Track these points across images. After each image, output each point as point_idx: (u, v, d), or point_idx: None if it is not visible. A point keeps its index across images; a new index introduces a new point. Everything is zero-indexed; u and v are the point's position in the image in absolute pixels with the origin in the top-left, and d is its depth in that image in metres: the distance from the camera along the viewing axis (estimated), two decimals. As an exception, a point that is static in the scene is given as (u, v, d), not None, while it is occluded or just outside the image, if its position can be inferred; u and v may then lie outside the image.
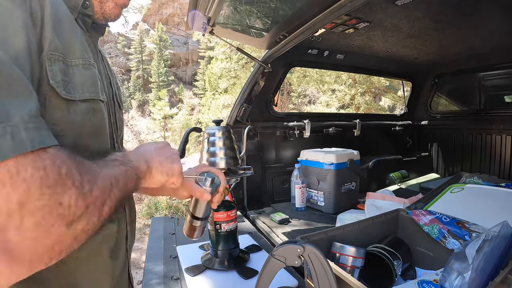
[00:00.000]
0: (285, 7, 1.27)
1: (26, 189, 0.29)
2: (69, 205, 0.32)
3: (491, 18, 1.38)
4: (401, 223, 1.06)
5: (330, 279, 0.61)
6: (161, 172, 0.56)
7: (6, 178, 0.28)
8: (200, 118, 19.15)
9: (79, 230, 0.34)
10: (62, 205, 0.32)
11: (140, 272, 3.33)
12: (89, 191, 0.35)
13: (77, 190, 0.34)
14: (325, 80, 13.60)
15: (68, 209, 0.32)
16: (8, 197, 0.28)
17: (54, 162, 0.33)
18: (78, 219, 0.33)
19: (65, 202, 0.32)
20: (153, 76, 28.46)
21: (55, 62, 0.42)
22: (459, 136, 2.32)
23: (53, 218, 0.31)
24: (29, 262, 0.30)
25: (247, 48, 8.41)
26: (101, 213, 0.38)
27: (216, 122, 1.05)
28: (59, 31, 0.44)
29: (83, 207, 0.34)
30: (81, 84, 0.47)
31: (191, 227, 0.73)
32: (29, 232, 0.29)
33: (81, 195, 0.34)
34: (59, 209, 0.31)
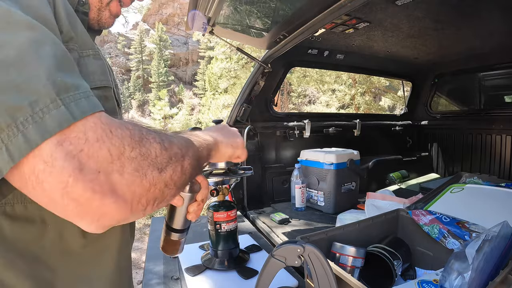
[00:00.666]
0: (285, 7, 1.27)
1: (121, 144, 0.34)
2: (156, 155, 0.38)
3: (491, 18, 1.38)
4: (401, 223, 1.06)
5: (330, 279, 0.61)
6: (227, 144, 0.61)
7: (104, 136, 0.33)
8: (200, 118, 19.16)
9: (168, 176, 0.39)
10: (150, 156, 0.37)
11: (140, 272, 3.33)
12: (169, 146, 0.40)
13: (159, 144, 0.39)
14: (325, 80, 13.60)
15: (155, 159, 0.37)
16: (110, 150, 0.33)
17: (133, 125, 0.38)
18: (165, 167, 0.38)
19: (152, 153, 0.37)
20: (153, 76, 28.48)
21: (71, 51, 0.44)
22: (459, 136, 2.32)
23: (146, 165, 0.36)
24: (130, 202, 0.35)
25: (247, 48, 8.41)
26: (183, 166, 0.42)
27: (216, 122, 1.05)
28: (71, 22, 0.45)
29: (167, 158, 0.39)
30: (92, 73, 0.49)
31: (167, 240, 0.63)
32: (130, 176, 0.34)
33: (163, 148, 0.39)
34: (149, 159, 0.37)
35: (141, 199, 0.36)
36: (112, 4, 0.58)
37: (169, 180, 0.39)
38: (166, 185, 0.39)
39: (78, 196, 0.31)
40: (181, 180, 0.42)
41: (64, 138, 0.31)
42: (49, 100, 0.31)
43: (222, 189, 1.03)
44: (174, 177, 0.40)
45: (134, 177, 0.35)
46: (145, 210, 0.38)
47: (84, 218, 0.33)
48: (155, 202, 0.38)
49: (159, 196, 0.38)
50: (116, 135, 0.35)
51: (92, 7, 0.56)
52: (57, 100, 0.31)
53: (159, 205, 0.40)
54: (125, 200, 0.34)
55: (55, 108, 0.31)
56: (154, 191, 0.37)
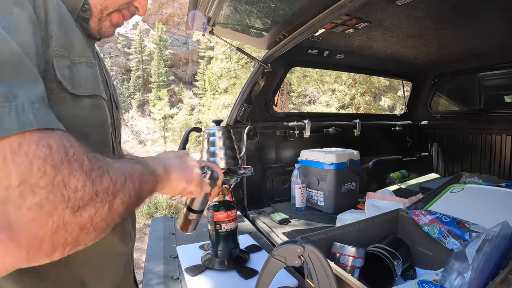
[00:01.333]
0: (285, 7, 1.27)
1: (28, 165, 0.28)
2: (75, 189, 0.30)
3: (491, 18, 1.38)
4: (401, 223, 1.06)
5: (330, 279, 0.61)
6: (179, 178, 0.56)
7: (7, 153, 0.27)
8: (200, 118, 19.16)
9: (85, 218, 0.31)
10: (68, 187, 0.30)
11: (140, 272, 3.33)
12: (99, 178, 0.33)
13: (86, 174, 0.32)
14: (325, 80, 13.60)
15: (74, 193, 0.30)
16: (8, 172, 0.27)
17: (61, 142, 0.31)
18: (85, 205, 0.31)
19: (71, 185, 0.30)
20: (153, 76, 28.48)
21: (62, 58, 0.43)
22: (459, 136, 2.32)
23: (57, 199, 0.29)
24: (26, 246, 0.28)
25: (247, 48, 8.41)
26: (112, 205, 0.35)
27: (216, 122, 1.05)
28: (63, 29, 0.44)
29: (91, 193, 0.32)
30: (84, 81, 0.48)
31: (186, 221, 0.75)
32: (30, 212, 0.28)
33: (89, 180, 0.32)
34: (64, 191, 0.29)
35: (43, 244, 0.29)
36: (114, 15, 0.57)
37: (88, 222, 0.32)
38: (81, 228, 0.31)
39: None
40: (105, 222, 0.34)
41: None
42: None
43: (222, 189, 1.03)
44: (96, 218, 0.33)
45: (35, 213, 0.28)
46: (52, 256, 0.31)
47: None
48: (65, 248, 0.31)
49: (71, 241, 0.31)
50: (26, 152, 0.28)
51: (93, 15, 0.55)
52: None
53: (71, 250, 0.32)
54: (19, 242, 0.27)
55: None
56: (64, 234, 0.30)
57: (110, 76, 0.69)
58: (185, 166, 0.59)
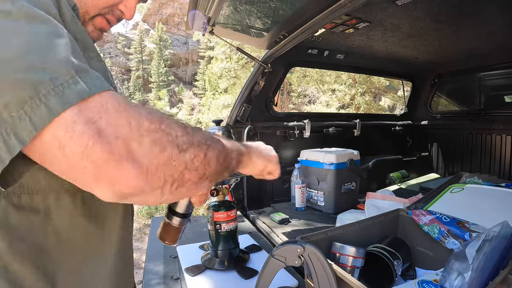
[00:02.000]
0: (285, 7, 1.27)
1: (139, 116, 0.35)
2: (176, 135, 0.37)
3: (491, 18, 1.38)
4: (401, 223, 1.06)
5: (330, 279, 0.61)
6: (259, 155, 0.60)
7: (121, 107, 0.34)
8: (200, 118, 19.16)
9: (188, 158, 0.38)
10: (171, 134, 0.37)
11: (140, 272, 3.32)
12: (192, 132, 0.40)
13: (181, 128, 0.38)
14: (325, 80, 13.60)
15: (176, 138, 0.37)
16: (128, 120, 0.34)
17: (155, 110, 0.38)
18: (186, 149, 0.37)
19: (173, 132, 0.37)
20: (153, 76, 28.48)
21: None
22: (459, 136, 2.32)
23: (165, 141, 0.36)
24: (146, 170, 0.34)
25: (247, 48, 8.41)
26: (207, 155, 0.40)
27: (216, 122, 1.05)
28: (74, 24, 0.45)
29: (188, 141, 0.38)
30: None
31: (168, 228, 0.63)
32: (147, 145, 0.34)
33: (185, 132, 0.38)
34: (169, 136, 0.36)
35: (158, 171, 0.35)
36: (97, 20, 0.57)
37: (190, 163, 0.38)
38: (186, 166, 0.38)
39: (96, 157, 0.32)
40: (203, 168, 0.40)
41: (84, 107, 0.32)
42: (69, 76, 0.33)
43: (222, 189, 1.03)
44: (195, 162, 0.39)
45: (153, 147, 0.35)
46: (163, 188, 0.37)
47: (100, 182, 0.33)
48: (174, 182, 0.37)
49: (178, 177, 0.37)
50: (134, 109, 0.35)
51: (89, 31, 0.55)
52: (75, 77, 0.33)
53: (178, 189, 0.38)
54: (141, 166, 0.34)
55: (74, 83, 0.33)
56: (173, 168, 0.36)
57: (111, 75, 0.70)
58: (263, 147, 0.65)
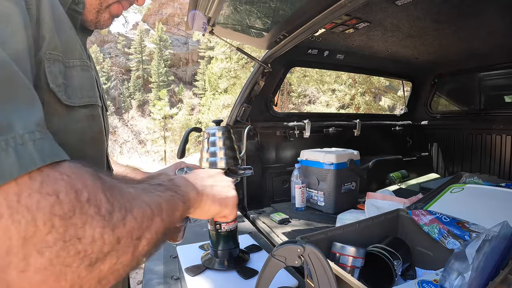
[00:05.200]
0: (285, 7, 1.27)
1: (30, 221, 0.23)
2: (92, 240, 0.26)
3: (491, 18, 1.38)
4: (401, 223, 1.06)
5: (330, 279, 0.61)
6: (213, 201, 0.52)
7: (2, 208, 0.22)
8: (200, 118, 19.17)
9: (105, 271, 0.27)
10: (82, 240, 0.25)
11: (140, 272, 3.32)
12: (121, 221, 0.29)
13: (104, 220, 0.27)
14: (325, 80, 13.61)
15: (90, 245, 0.26)
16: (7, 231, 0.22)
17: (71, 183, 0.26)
18: (104, 257, 0.27)
19: (87, 236, 0.26)
20: (153, 76, 28.48)
21: (54, 62, 0.38)
22: (459, 136, 2.32)
23: (70, 256, 0.25)
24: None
25: (247, 48, 8.41)
26: (136, 249, 0.30)
27: (216, 122, 1.05)
28: (57, 28, 0.39)
29: (112, 242, 0.27)
30: (80, 88, 0.43)
31: None
32: (37, 275, 0.23)
33: (109, 227, 0.27)
34: (78, 246, 0.25)
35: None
36: (113, 6, 0.54)
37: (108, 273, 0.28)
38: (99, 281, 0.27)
39: None
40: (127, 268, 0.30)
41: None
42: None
43: (222, 189, 1.02)
44: (117, 266, 0.28)
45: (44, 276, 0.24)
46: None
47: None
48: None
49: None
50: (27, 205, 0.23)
51: (90, 8, 0.51)
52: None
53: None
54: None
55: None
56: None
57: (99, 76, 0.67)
58: (219, 186, 0.55)
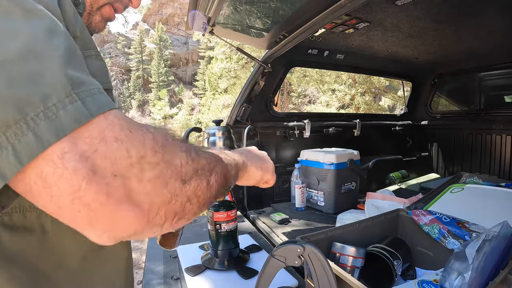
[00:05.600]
0: (285, 7, 1.27)
1: (142, 146, 0.31)
2: (180, 165, 0.34)
3: (491, 18, 1.38)
4: (401, 223, 1.06)
5: (330, 279, 0.61)
6: (256, 167, 0.59)
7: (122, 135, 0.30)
8: (200, 118, 19.17)
9: (191, 190, 0.35)
10: (175, 164, 0.34)
11: (140, 272, 3.33)
12: (196, 158, 0.37)
13: (185, 154, 0.36)
14: (325, 80, 13.61)
15: (180, 168, 0.34)
16: (128, 152, 0.30)
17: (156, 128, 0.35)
18: (190, 179, 0.35)
19: (177, 162, 0.34)
20: (153, 76, 28.48)
21: None
22: (459, 136, 2.32)
23: (169, 173, 0.33)
24: (148, 212, 0.31)
25: (247, 48, 8.41)
26: (209, 181, 0.38)
27: (216, 122, 1.05)
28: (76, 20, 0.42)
29: (192, 170, 0.36)
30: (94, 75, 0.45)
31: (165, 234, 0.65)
32: (149, 183, 0.31)
33: (190, 158, 0.36)
34: (173, 167, 0.33)
35: (160, 211, 0.32)
36: (105, 9, 0.54)
37: (193, 194, 0.35)
38: (188, 199, 0.35)
39: (91, 200, 0.27)
40: (205, 196, 0.38)
41: (78, 137, 0.27)
42: (64, 94, 0.28)
43: (222, 189, 1.02)
44: (198, 192, 0.36)
45: (155, 184, 0.31)
46: (163, 225, 0.34)
47: (95, 226, 0.29)
48: (175, 217, 0.34)
49: (180, 211, 0.34)
50: (137, 136, 0.31)
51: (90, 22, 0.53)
52: (72, 95, 0.28)
53: (178, 222, 0.35)
54: (142, 209, 0.30)
55: (70, 103, 0.28)
56: (175, 203, 0.33)
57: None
58: (259, 156, 0.64)
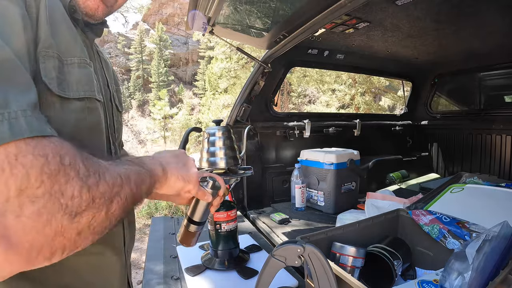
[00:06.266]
0: (285, 7, 1.27)
1: (25, 175, 0.28)
2: (72, 196, 0.31)
3: (491, 18, 1.38)
4: (401, 223, 1.06)
5: (330, 279, 0.61)
6: (177, 177, 0.56)
7: (4, 164, 0.28)
8: (200, 118, 19.16)
9: (83, 223, 0.32)
10: (65, 195, 0.31)
11: (140, 272, 3.33)
12: (95, 184, 0.34)
13: (82, 181, 0.33)
14: (325, 80, 13.60)
15: (71, 200, 0.31)
16: (7, 183, 0.28)
17: (56, 150, 0.32)
18: (82, 211, 0.32)
19: (68, 193, 0.31)
20: (153, 76, 28.46)
21: (49, 59, 0.42)
22: (459, 136, 2.32)
23: (55, 207, 0.30)
24: (27, 252, 0.29)
25: (247, 48, 8.41)
26: (109, 209, 0.36)
27: (216, 122, 1.05)
28: (54, 29, 0.44)
29: (88, 200, 0.33)
30: (76, 82, 0.47)
31: (187, 233, 0.71)
32: (29, 220, 0.29)
33: (85, 187, 0.33)
34: (61, 199, 0.30)
35: (42, 250, 0.30)
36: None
37: (85, 227, 0.33)
38: (79, 233, 0.32)
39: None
40: (102, 226, 0.35)
41: None
42: None
43: (222, 189, 1.02)
44: (93, 223, 0.34)
45: (35, 221, 0.29)
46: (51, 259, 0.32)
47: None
48: (63, 252, 0.32)
49: (69, 245, 0.32)
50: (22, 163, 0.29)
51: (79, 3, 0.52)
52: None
53: (70, 253, 0.34)
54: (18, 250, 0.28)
55: None
56: (62, 240, 0.31)
57: (112, 77, 0.68)
58: (182, 164, 0.59)
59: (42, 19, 0.41)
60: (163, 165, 0.53)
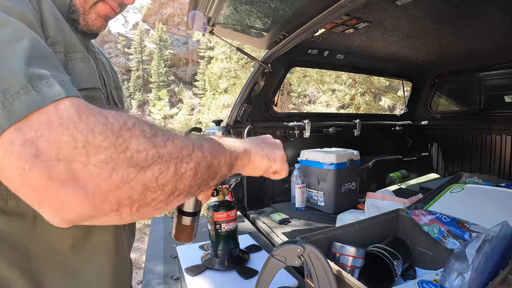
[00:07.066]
0: (285, 7, 1.27)
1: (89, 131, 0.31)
2: (137, 150, 0.33)
3: (491, 18, 1.38)
4: (401, 223, 1.06)
5: (330, 279, 0.61)
6: (262, 156, 0.54)
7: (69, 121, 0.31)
8: (200, 118, 19.15)
9: (149, 177, 0.33)
10: (130, 148, 0.32)
11: (140, 272, 3.32)
12: (162, 143, 0.35)
13: (146, 138, 0.34)
14: (325, 80, 13.60)
15: (136, 154, 0.33)
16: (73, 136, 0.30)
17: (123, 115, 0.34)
18: (148, 166, 0.33)
19: (132, 147, 0.32)
20: (153, 76, 28.47)
21: (57, 53, 0.45)
22: (459, 136, 2.32)
23: (120, 158, 0.31)
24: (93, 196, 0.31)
25: (247, 48, 8.41)
26: (178, 169, 0.36)
27: (216, 122, 1.05)
28: (58, 29, 0.47)
29: (153, 156, 0.34)
30: (79, 75, 0.50)
31: (180, 227, 0.66)
32: (95, 168, 0.30)
33: (150, 143, 0.34)
34: (127, 152, 0.32)
35: (108, 196, 0.31)
36: (98, 6, 0.55)
37: (152, 182, 0.34)
38: (146, 187, 0.33)
39: (34, 183, 0.29)
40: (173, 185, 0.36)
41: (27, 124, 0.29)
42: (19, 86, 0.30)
43: (222, 189, 1.03)
44: (161, 179, 0.34)
45: (100, 169, 0.31)
46: (119, 211, 0.33)
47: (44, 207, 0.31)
48: (132, 204, 0.33)
49: (138, 198, 0.33)
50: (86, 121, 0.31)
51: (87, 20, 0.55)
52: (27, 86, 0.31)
53: (141, 209, 0.34)
54: (86, 192, 0.30)
55: (25, 94, 0.30)
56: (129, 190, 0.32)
57: (110, 76, 0.68)
58: (267, 145, 0.57)
59: (48, 18, 0.45)
60: (245, 145, 0.52)
